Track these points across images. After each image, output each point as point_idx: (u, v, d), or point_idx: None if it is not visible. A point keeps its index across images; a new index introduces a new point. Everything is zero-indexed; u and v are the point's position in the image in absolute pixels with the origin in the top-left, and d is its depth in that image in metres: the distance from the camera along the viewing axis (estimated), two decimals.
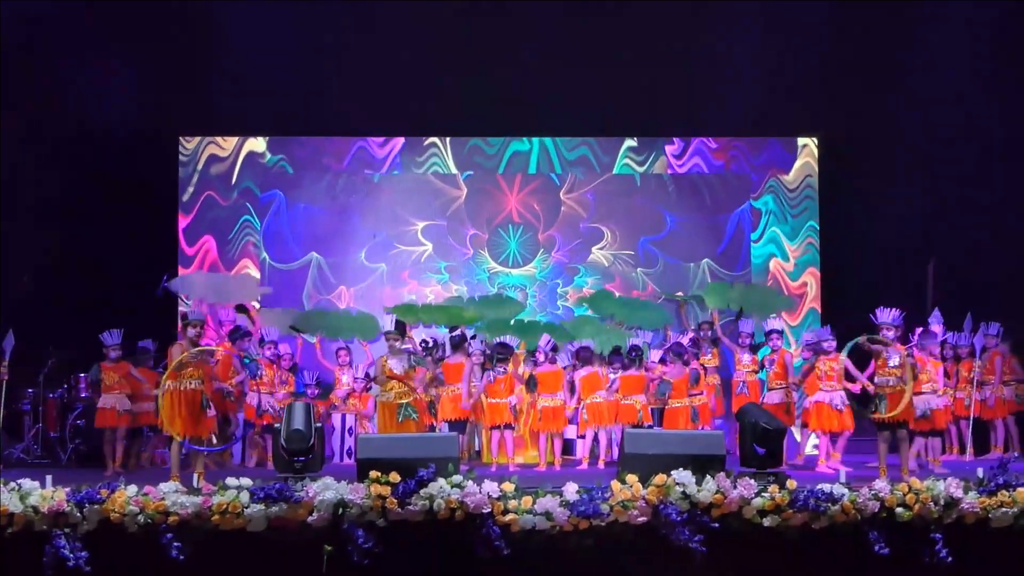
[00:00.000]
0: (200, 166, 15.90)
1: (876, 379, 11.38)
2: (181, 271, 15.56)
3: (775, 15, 13.88)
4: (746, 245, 16.09)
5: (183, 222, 15.85)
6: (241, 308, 13.55)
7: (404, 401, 12.05)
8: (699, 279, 15.92)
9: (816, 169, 15.98)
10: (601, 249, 16.14)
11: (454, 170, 16.10)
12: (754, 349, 13.43)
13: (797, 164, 15.99)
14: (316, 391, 13.73)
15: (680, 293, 15.27)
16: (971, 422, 12.89)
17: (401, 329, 13.04)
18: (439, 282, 16.02)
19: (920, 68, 14.22)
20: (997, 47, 13.74)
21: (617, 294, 15.38)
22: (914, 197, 14.36)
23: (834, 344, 12.19)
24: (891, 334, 11.29)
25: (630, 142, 16.09)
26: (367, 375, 13.31)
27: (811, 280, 15.97)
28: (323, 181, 16.02)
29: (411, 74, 14.58)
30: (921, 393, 11.87)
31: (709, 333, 13.90)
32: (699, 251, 16.09)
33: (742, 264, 16.02)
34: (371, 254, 16.02)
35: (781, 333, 13.08)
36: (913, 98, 14.26)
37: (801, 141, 15.99)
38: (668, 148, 16.00)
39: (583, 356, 13.09)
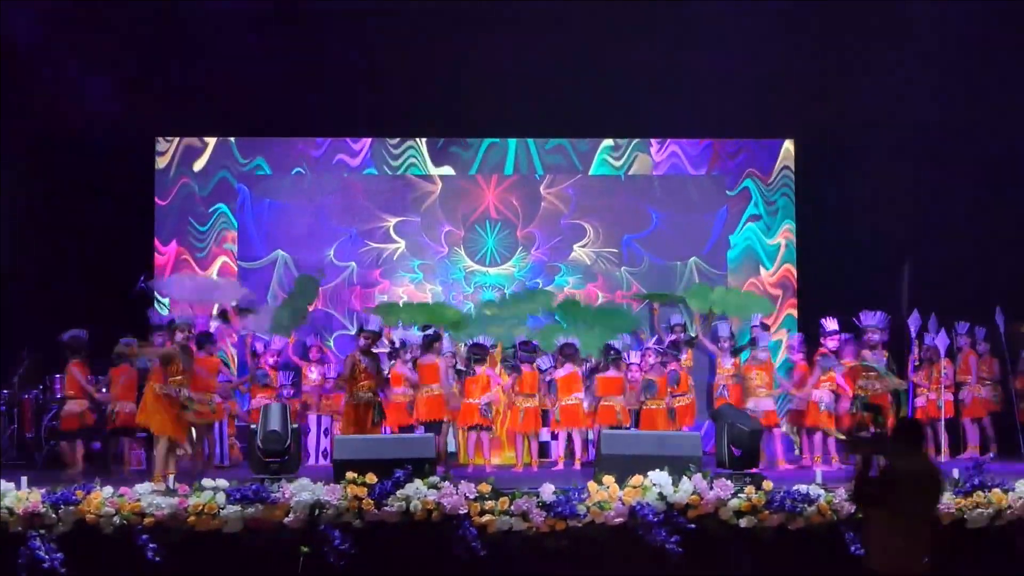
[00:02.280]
0: (175, 157, 16.24)
1: (859, 382, 12.33)
2: (157, 260, 16.08)
3: (751, 17, 14.68)
4: (726, 243, 16.57)
5: (159, 209, 16.17)
6: (223, 315, 14.33)
7: (377, 401, 13.01)
8: (686, 278, 16.37)
9: (793, 170, 16.47)
10: (583, 247, 16.55)
11: (432, 168, 16.46)
12: (735, 352, 14.07)
13: (775, 165, 16.48)
14: (291, 391, 14.36)
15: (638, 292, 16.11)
16: (943, 423, 13.58)
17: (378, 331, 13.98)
18: (412, 281, 16.40)
19: (896, 69, 14.99)
20: (972, 48, 14.61)
21: (582, 302, 15.92)
22: (890, 197, 14.96)
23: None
24: (876, 336, 12.24)
25: (608, 141, 16.53)
26: (339, 375, 14.12)
27: (788, 278, 16.45)
28: (291, 177, 16.41)
29: (385, 76, 15.19)
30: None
31: (683, 335, 14.56)
32: (685, 250, 16.51)
33: (728, 263, 16.51)
34: (340, 252, 16.40)
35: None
36: (889, 99, 15.01)
37: (778, 142, 16.49)
38: (651, 149, 16.48)
39: (566, 352, 13.66)
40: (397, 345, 13.88)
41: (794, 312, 16.42)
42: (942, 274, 14.45)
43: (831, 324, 13.69)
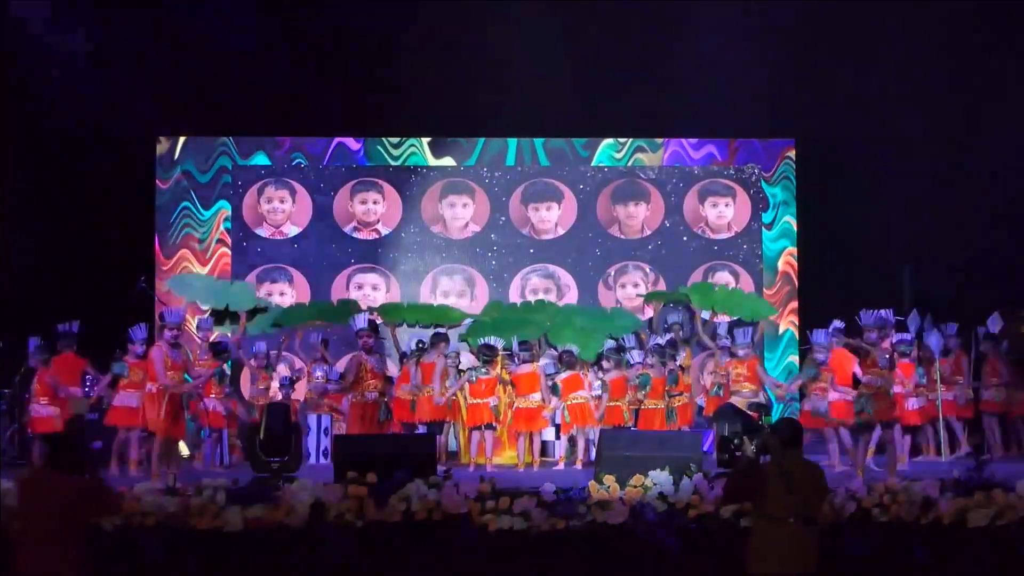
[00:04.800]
0: (174, 153, 16.56)
1: (862, 379, 12.68)
2: (157, 257, 16.44)
3: (755, 17, 15.10)
4: (735, 237, 16.93)
5: (158, 206, 16.48)
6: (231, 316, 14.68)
7: (384, 400, 13.57)
8: (701, 275, 16.66)
9: (794, 165, 16.77)
10: (589, 244, 16.89)
11: (432, 159, 16.77)
12: (733, 353, 14.22)
13: (776, 160, 16.80)
14: (290, 391, 14.81)
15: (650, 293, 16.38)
16: (942, 422, 13.88)
17: (373, 327, 14.45)
18: (408, 280, 16.69)
19: (894, 71, 15.38)
20: (972, 50, 15.03)
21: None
22: (890, 197, 15.43)
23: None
24: (875, 335, 12.62)
25: (609, 140, 16.84)
26: (341, 376, 14.56)
27: (789, 273, 16.77)
28: (290, 169, 16.72)
29: (383, 75, 15.59)
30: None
31: (681, 334, 14.79)
32: (694, 247, 16.90)
33: (733, 259, 16.85)
34: (329, 249, 16.73)
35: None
36: (888, 101, 15.46)
37: (780, 143, 16.81)
38: (662, 145, 16.78)
39: (566, 360, 13.95)
40: (423, 346, 14.21)
41: (794, 312, 16.72)
42: (942, 274, 14.85)
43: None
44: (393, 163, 16.87)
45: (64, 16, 14.51)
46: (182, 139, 16.63)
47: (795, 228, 16.82)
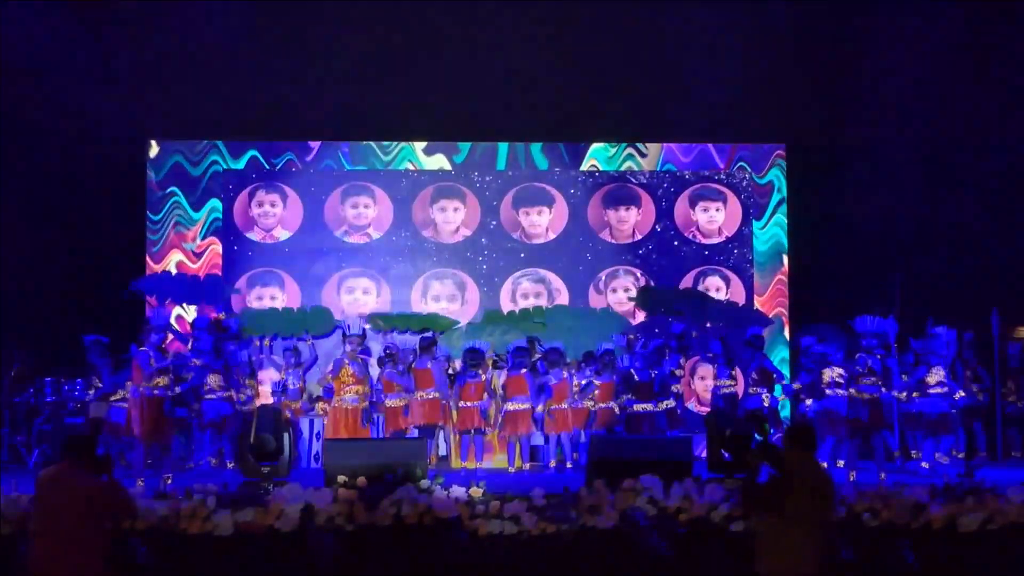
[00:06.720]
0: (166, 153, 16.56)
1: (854, 387, 12.73)
2: (149, 263, 16.39)
3: (746, 20, 15.19)
4: (726, 241, 16.95)
5: (151, 205, 16.45)
6: (216, 324, 14.69)
7: (364, 406, 13.68)
8: (695, 279, 16.73)
9: (785, 174, 16.81)
10: (580, 248, 16.87)
11: (424, 161, 16.79)
12: (729, 363, 14.45)
13: (766, 169, 16.84)
14: (282, 396, 14.78)
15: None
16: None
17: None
18: (400, 285, 16.64)
19: (884, 76, 15.49)
20: (962, 54, 15.13)
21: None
22: (882, 201, 15.56)
23: None
24: (874, 343, 12.66)
25: (600, 144, 16.88)
26: (326, 377, 14.52)
27: (780, 277, 16.78)
28: (280, 170, 16.76)
29: (370, 79, 15.70)
30: None
31: (674, 343, 14.76)
32: (685, 252, 16.90)
33: (726, 261, 16.90)
34: (319, 253, 16.73)
35: None
36: (878, 105, 15.53)
37: (770, 147, 16.85)
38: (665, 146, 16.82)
39: (552, 359, 14.05)
40: (393, 352, 14.23)
41: (785, 317, 16.78)
42: (935, 277, 14.90)
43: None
44: (384, 163, 16.88)
45: (56, 19, 14.52)
46: (172, 142, 16.62)
47: (786, 232, 16.87)
